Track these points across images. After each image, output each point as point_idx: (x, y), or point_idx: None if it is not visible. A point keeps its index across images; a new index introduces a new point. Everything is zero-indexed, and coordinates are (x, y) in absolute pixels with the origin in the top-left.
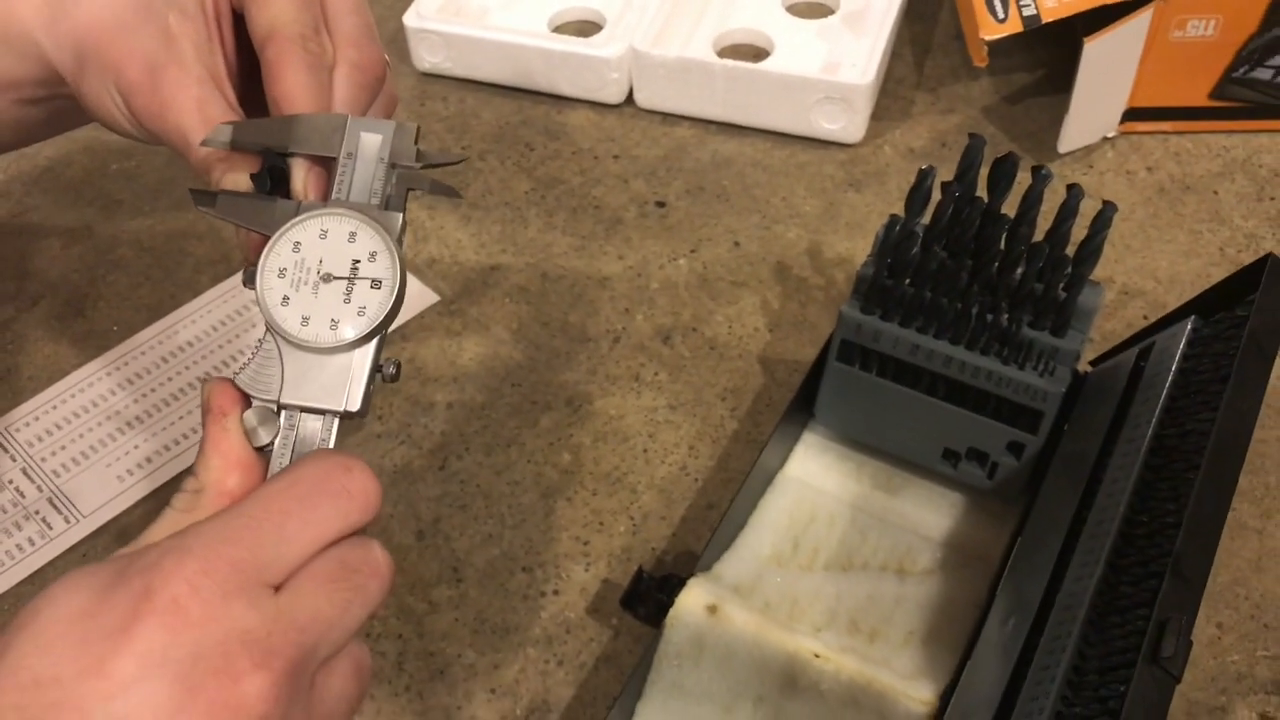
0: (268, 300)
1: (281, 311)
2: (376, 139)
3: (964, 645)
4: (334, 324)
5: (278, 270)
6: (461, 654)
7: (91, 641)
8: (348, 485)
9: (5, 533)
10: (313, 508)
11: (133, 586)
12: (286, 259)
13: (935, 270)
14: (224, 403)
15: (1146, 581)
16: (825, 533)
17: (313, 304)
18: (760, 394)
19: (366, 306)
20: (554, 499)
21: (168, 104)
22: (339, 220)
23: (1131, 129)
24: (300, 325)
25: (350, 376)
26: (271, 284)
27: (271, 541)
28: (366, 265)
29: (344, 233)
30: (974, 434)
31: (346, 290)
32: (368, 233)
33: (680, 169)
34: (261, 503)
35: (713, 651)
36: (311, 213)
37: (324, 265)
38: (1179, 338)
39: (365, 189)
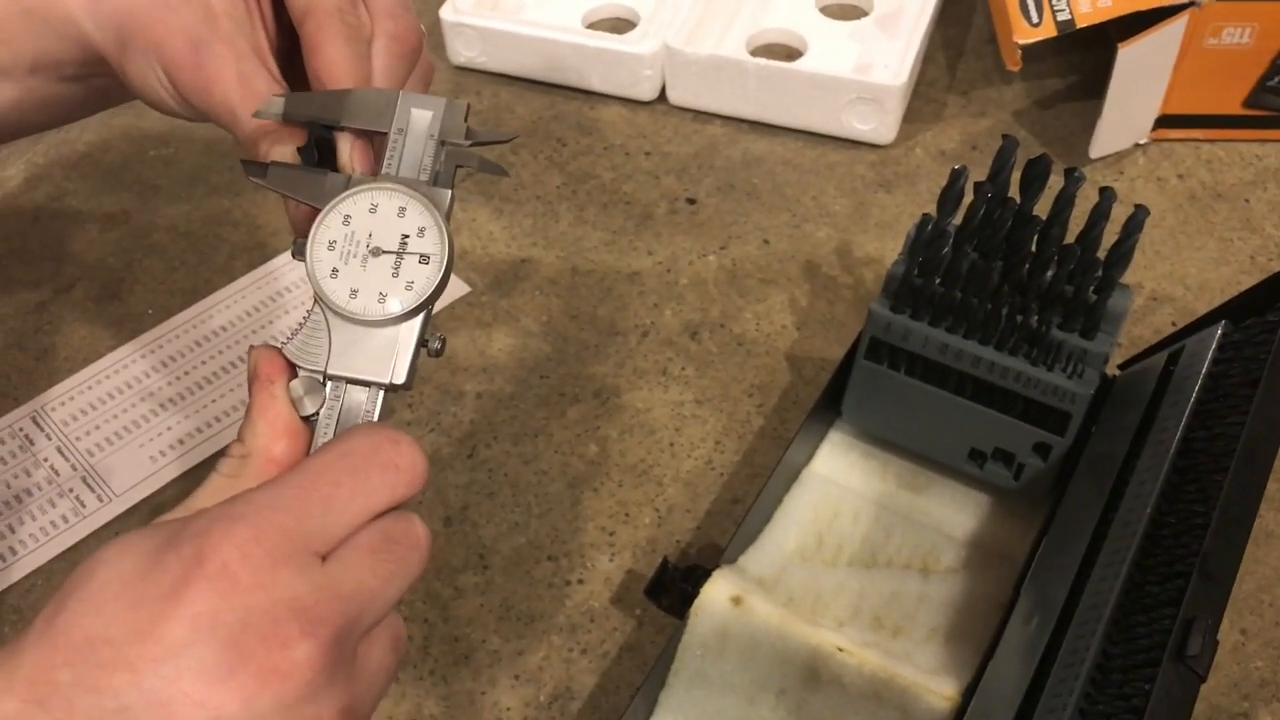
0: (317, 272)
1: (330, 284)
2: (427, 115)
3: (987, 643)
4: (382, 297)
5: (327, 243)
6: (486, 640)
7: (143, 604)
8: (396, 459)
9: (40, 509)
10: (363, 480)
11: (183, 552)
12: (336, 232)
13: (966, 270)
14: (271, 370)
15: (1172, 582)
16: (850, 529)
17: (361, 277)
18: (787, 391)
19: (414, 281)
20: (580, 489)
21: (213, 79)
22: (389, 195)
23: (1163, 136)
24: (349, 297)
25: (397, 349)
26: (321, 256)
27: (320, 511)
28: (415, 240)
29: (394, 207)
30: (1001, 434)
31: (395, 264)
32: (417, 208)
33: (711, 166)
34: (311, 473)
35: (736, 643)
36: (362, 187)
37: (373, 239)
38: (1209, 342)
39: (415, 165)
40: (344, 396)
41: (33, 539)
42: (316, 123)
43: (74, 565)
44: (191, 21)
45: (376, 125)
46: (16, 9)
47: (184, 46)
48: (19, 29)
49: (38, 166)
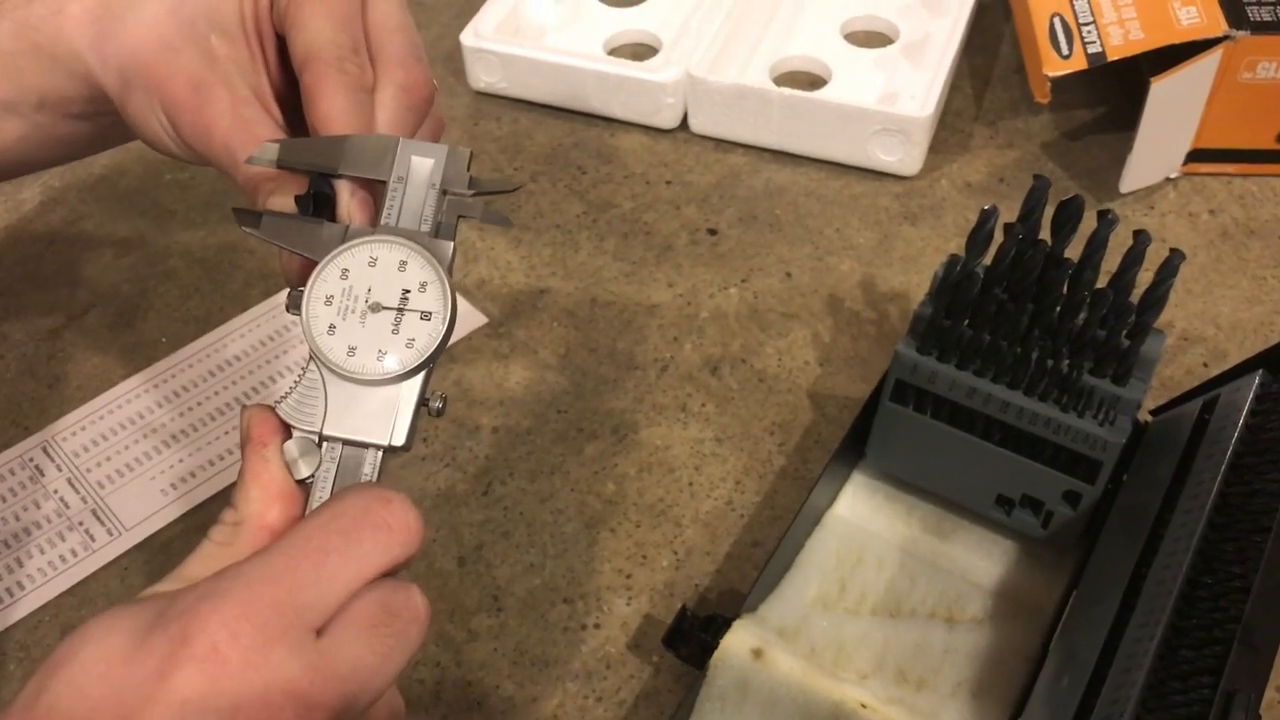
0: (313, 328)
1: (327, 340)
2: (428, 163)
3: (1014, 699)
4: (381, 355)
5: (324, 297)
6: (500, 685)
7: (128, 689)
8: (388, 519)
9: (50, 543)
10: (354, 543)
11: (170, 631)
12: (334, 286)
13: (995, 313)
14: (264, 432)
15: (1210, 647)
16: (873, 576)
17: (360, 333)
18: (809, 430)
19: (415, 338)
20: (597, 529)
21: (214, 122)
22: (389, 248)
23: (1195, 170)
24: (346, 355)
25: (396, 409)
26: (317, 311)
27: (311, 581)
28: (417, 296)
29: (394, 261)
30: (1029, 481)
31: (395, 321)
32: (418, 262)
33: (733, 196)
34: (300, 539)
35: (756, 696)
36: (361, 239)
37: (372, 294)
38: (1246, 392)
39: (415, 215)
40: (340, 458)
41: (40, 573)
42: (314, 170)
43: (83, 601)
44: (193, 64)
45: (375, 173)
46: (25, 45)
47: (185, 89)
48: (27, 65)
49: (53, 190)
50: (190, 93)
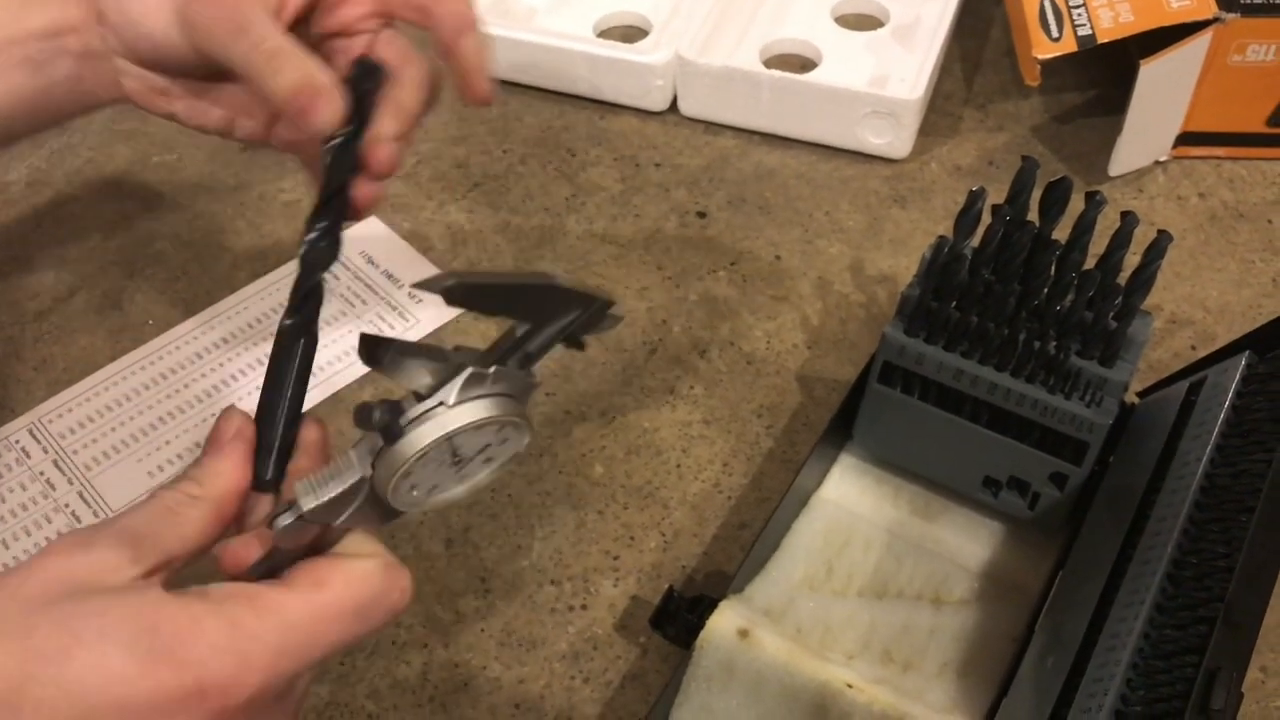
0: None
1: (401, 481)
2: (572, 315)
3: (1000, 679)
4: (433, 490)
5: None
6: (487, 666)
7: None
8: (398, 605)
9: (36, 525)
10: (366, 627)
11: (183, 678)
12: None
13: (982, 294)
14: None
15: (1194, 627)
16: (860, 558)
17: (428, 476)
18: (797, 412)
19: (469, 477)
20: (585, 511)
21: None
22: (499, 415)
23: (1184, 153)
24: (408, 490)
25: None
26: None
27: (322, 655)
28: (495, 449)
29: (496, 426)
30: (1016, 463)
31: (458, 469)
32: (513, 430)
33: (723, 179)
34: (318, 623)
35: (743, 677)
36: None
37: (461, 450)
38: (1232, 373)
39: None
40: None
41: (26, 555)
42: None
43: None
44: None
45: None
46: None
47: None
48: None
49: (39, 171)
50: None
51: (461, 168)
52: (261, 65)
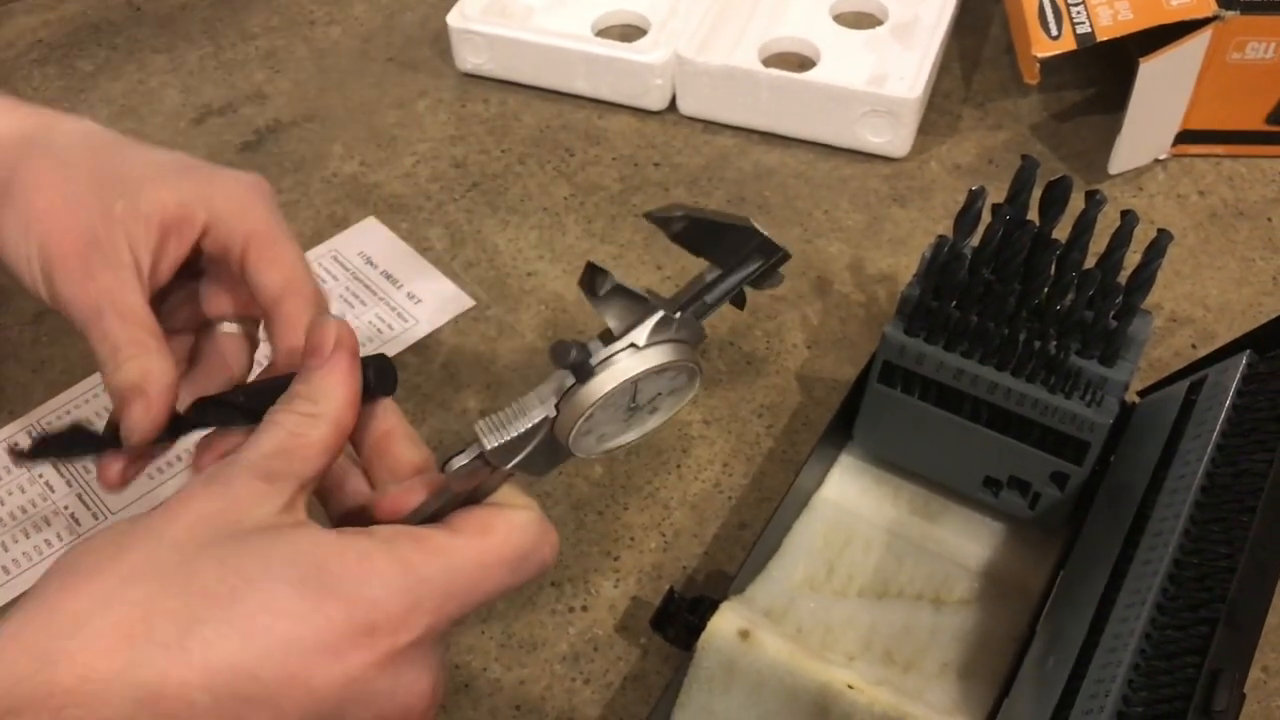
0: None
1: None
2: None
3: (1001, 680)
4: (602, 438)
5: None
6: (487, 668)
7: (306, 654)
8: (547, 560)
9: (35, 527)
10: (520, 577)
11: (354, 615)
12: (623, 395)
13: (982, 294)
14: (355, 345)
15: (1196, 627)
16: (861, 558)
17: (602, 421)
18: (797, 412)
19: (633, 426)
20: (585, 511)
21: (92, 276)
22: (678, 368)
23: (1184, 151)
24: (582, 434)
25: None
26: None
27: (482, 601)
28: (664, 399)
29: (670, 375)
30: (1017, 463)
31: (631, 413)
32: (686, 379)
33: (722, 179)
34: (483, 569)
35: (744, 678)
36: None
37: (638, 397)
38: (1233, 373)
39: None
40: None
41: (26, 558)
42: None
43: None
44: (90, 218)
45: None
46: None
47: (75, 237)
48: None
49: None
50: (80, 243)
51: (460, 167)
52: (105, 356)
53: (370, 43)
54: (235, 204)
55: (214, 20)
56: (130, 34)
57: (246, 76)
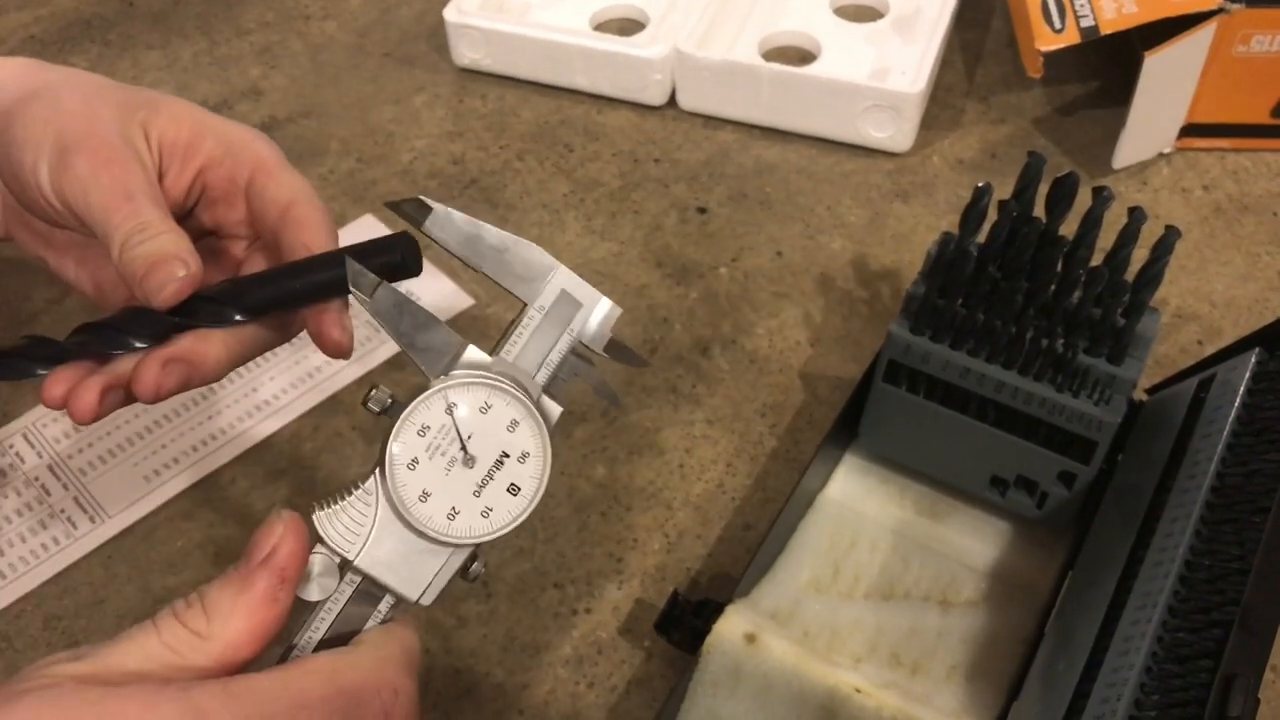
0: (397, 457)
1: (406, 475)
2: (576, 305)
3: (1009, 682)
4: (453, 514)
5: (420, 426)
6: (490, 672)
7: None
8: (390, 712)
9: (31, 531)
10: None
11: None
12: (436, 417)
13: (989, 292)
14: (291, 565)
15: (1209, 630)
16: (866, 559)
17: (441, 481)
18: (801, 411)
19: (494, 510)
20: (587, 513)
21: (116, 160)
22: (507, 401)
23: (1188, 145)
24: (418, 499)
25: (439, 572)
26: (408, 439)
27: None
28: (514, 464)
29: (507, 418)
30: (1024, 462)
31: (481, 483)
32: (530, 428)
33: (722, 174)
34: (300, 710)
35: (750, 682)
36: (481, 375)
37: (471, 444)
38: (1242, 371)
39: (539, 356)
40: (356, 592)
41: (23, 562)
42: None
43: (65, 590)
44: (111, 125)
45: (518, 290)
46: None
47: (95, 134)
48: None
49: None
50: (115, 151)
51: (458, 164)
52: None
53: (366, 38)
54: (243, 141)
55: (208, 15)
56: (123, 30)
57: (241, 72)
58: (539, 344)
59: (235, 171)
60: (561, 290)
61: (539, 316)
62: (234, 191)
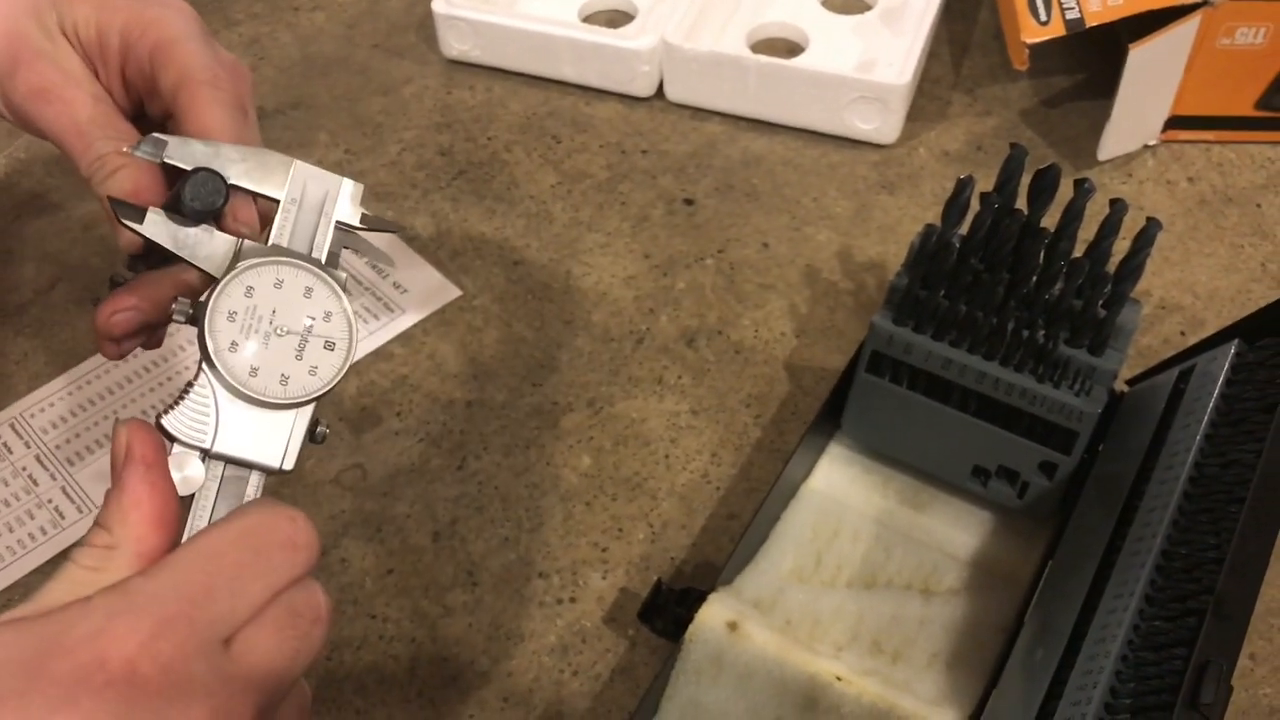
0: (215, 344)
1: (229, 358)
2: (323, 191)
3: (989, 670)
4: (284, 380)
5: (227, 313)
6: (475, 660)
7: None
8: (295, 537)
9: (19, 520)
10: (265, 559)
11: (79, 657)
12: (238, 303)
13: (971, 283)
14: (147, 451)
15: (1184, 619)
16: (849, 548)
17: (263, 355)
18: (785, 402)
19: (318, 366)
20: (573, 503)
21: (57, 87)
22: (295, 272)
23: (1173, 137)
24: (249, 375)
25: (290, 434)
26: (220, 326)
27: (226, 596)
28: (321, 324)
29: (300, 286)
30: (1005, 452)
31: (299, 347)
32: (324, 291)
33: (710, 166)
34: (212, 557)
35: (732, 670)
36: (265, 258)
37: (277, 317)
38: (1221, 362)
39: (306, 240)
40: (223, 477)
41: (10, 551)
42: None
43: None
44: (37, 34)
45: (266, 189)
46: None
47: (28, 50)
48: None
49: (19, 162)
50: (32, 56)
51: (445, 155)
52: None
53: (354, 29)
54: (144, 21)
55: (197, 6)
56: None
57: None
58: (303, 230)
59: (141, 65)
60: (305, 180)
61: (294, 208)
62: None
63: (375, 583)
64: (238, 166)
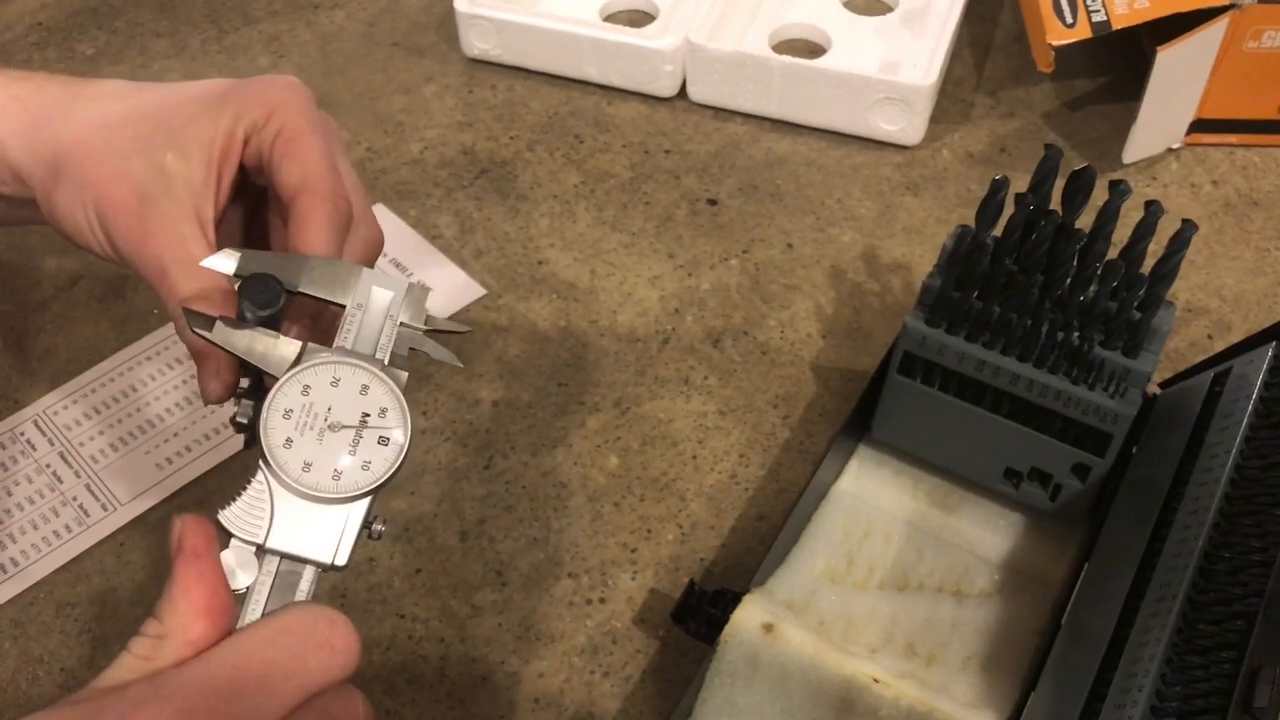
0: (271, 440)
1: (284, 454)
2: (388, 295)
3: (1025, 674)
4: (337, 475)
5: (284, 410)
6: (505, 661)
7: None
8: (333, 640)
9: (43, 518)
10: (299, 661)
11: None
12: (294, 400)
13: (1005, 284)
14: (199, 543)
15: (1230, 622)
16: (881, 550)
17: (316, 451)
18: (813, 402)
19: (372, 462)
20: (601, 503)
21: (152, 233)
22: (352, 370)
23: (1198, 140)
24: (302, 470)
25: (343, 530)
26: (275, 424)
27: (254, 693)
28: (376, 419)
29: (356, 384)
30: (1038, 454)
31: (353, 442)
32: (381, 388)
33: (733, 166)
34: (245, 653)
35: (767, 671)
36: (323, 358)
37: (332, 413)
38: (1259, 365)
39: (371, 342)
40: (277, 572)
41: (35, 549)
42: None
43: (77, 578)
44: (142, 173)
45: (334, 296)
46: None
47: (128, 194)
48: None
49: None
50: (133, 199)
51: (468, 154)
52: (155, 277)
53: (375, 27)
54: (266, 110)
55: (216, 3)
56: (130, 17)
57: (250, 61)
58: (368, 332)
59: (262, 149)
60: (372, 286)
61: (359, 313)
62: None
63: (404, 582)
64: (308, 275)
